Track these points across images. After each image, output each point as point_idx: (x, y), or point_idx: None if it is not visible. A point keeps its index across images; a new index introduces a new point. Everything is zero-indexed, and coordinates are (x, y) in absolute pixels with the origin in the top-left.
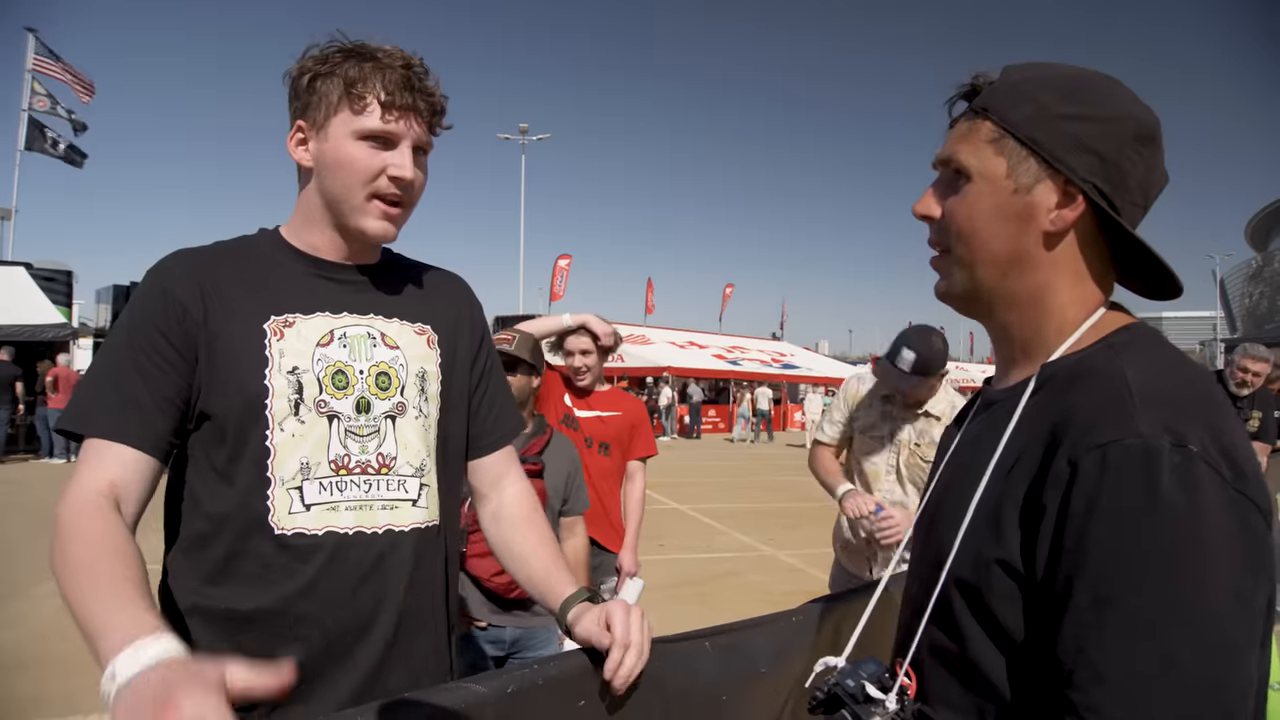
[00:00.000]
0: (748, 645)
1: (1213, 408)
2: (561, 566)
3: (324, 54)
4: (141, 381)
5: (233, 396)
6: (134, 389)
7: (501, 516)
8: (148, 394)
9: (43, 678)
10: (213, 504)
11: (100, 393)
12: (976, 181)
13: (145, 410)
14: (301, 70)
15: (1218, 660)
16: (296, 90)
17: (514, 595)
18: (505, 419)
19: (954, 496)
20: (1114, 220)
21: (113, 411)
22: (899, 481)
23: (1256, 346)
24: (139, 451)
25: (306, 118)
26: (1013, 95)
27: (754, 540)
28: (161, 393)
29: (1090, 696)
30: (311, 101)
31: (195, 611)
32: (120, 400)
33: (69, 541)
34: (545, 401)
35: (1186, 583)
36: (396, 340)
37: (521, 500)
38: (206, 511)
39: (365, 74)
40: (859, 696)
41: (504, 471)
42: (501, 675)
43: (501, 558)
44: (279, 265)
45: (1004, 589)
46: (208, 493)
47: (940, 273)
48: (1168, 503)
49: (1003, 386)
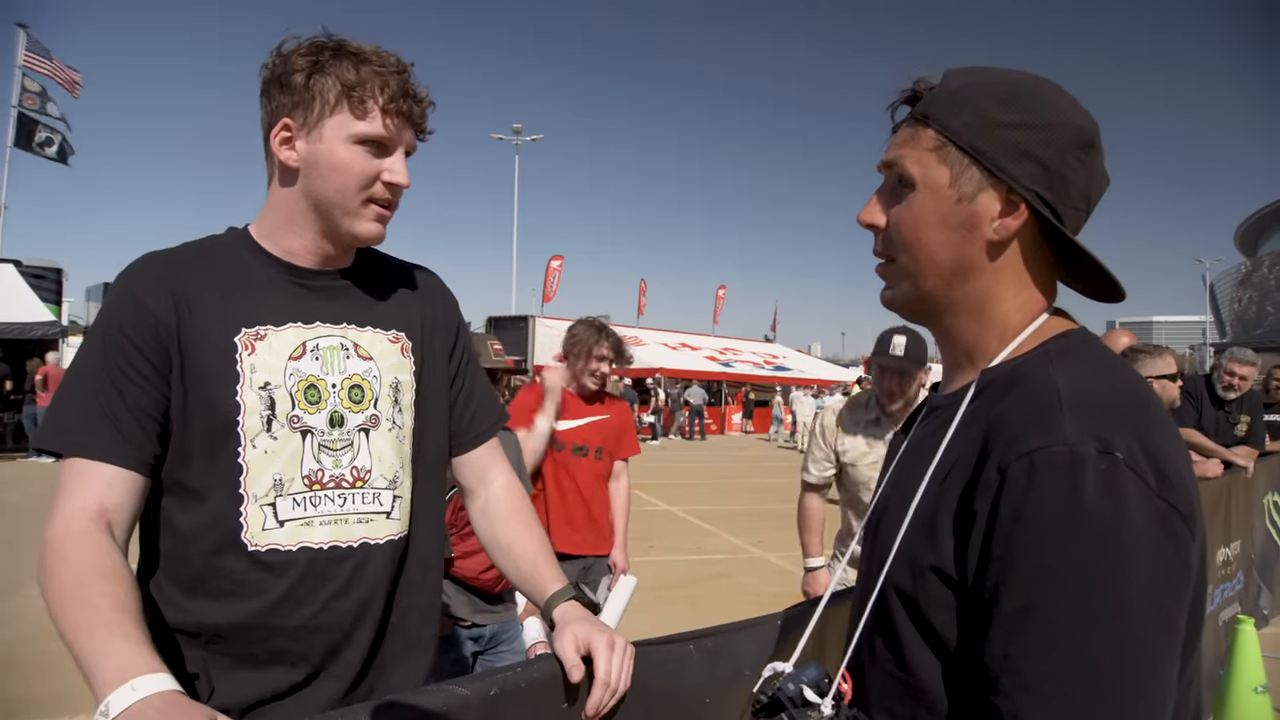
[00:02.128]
0: (732, 648)
1: (1142, 414)
2: (549, 560)
3: (313, 50)
4: (119, 395)
5: (204, 414)
6: (111, 404)
7: (490, 511)
8: (125, 408)
9: (35, 678)
10: (185, 520)
11: (78, 409)
12: (920, 191)
13: (124, 425)
14: (291, 66)
15: (1136, 670)
16: (284, 85)
17: (499, 589)
18: (485, 414)
19: (895, 503)
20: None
21: (91, 429)
22: None
23: (1244, 351)
24: (123, 469)
25: (295, 116)
26: (953, 102)
27: (744, 542)
28: (140, 406)
29: (1014, 704)
30: (303, 100)
31: (168, 626)
32: (98, 416)
33: (60, 568)
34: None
35: (1108, 592)
36: (369, 351)
37: (509, 493)
38: (178, 528)
39: (365, 78)
40: (797, 700)
41: (489, 466)
42: (484, 678)
43: (490, 551)
44: (251, 271)
45: (938, 596)
46: (179, 509)
47: (886, 281)
48: (1091, 511)
49: (946, 392)
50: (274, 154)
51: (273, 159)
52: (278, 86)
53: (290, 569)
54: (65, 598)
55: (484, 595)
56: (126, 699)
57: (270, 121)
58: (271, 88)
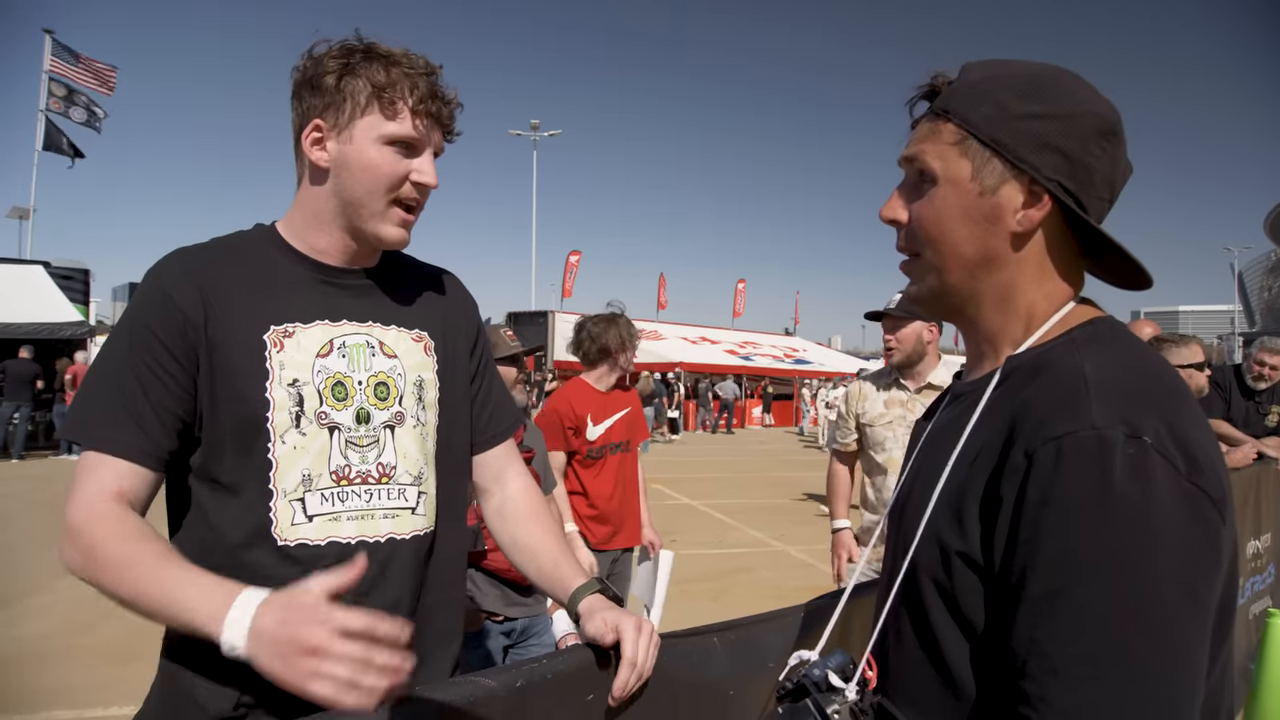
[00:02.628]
0: (756, 641)
1: (1170, 399)
2: (570, 557)
3: (343, 53)
4: (143, 392)
5: (234, 410)
6: (135, 400)
7: (506, 512)
8: (149, 406)
9: (65, 670)
10: (216, 515)
11: (102, 402)
12: (942, 185)
13: (146, 422)
14: (322, 69)
15: (1167, 651)
16: (315, 87)
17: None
18: (501, 414)
19: (921, 489)
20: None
21: (114, 423)
22: None
23: (1274, 340)
24: (138, 466)
25: (326, 117)
26: (973, 95)
27: (766, 536)
28: (163, 404)
29: (1043, 687)
30: (335, 101)
31: None
32: (122, 412)
33: (101, 543)
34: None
35: (1137, 576)
36: (394, 349)
37: (526, 494)
38: (210, 522)
39: (395, 79)
40: (822, 685)
41: (505, 466)
42: (511, 670)
43: (508, 552)
44: (279, 268)
45: (965, 581)
46: (213, 502)
47: (911, 277)
48: (1120, 494)
49: (972, 378)
50: (305, 154)
51: (303, 159)
52: (309, 88)
53: (318, 563)
54: (116, 566)
55: (516, 587)
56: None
57: (301, 123)
58: (303, 90)
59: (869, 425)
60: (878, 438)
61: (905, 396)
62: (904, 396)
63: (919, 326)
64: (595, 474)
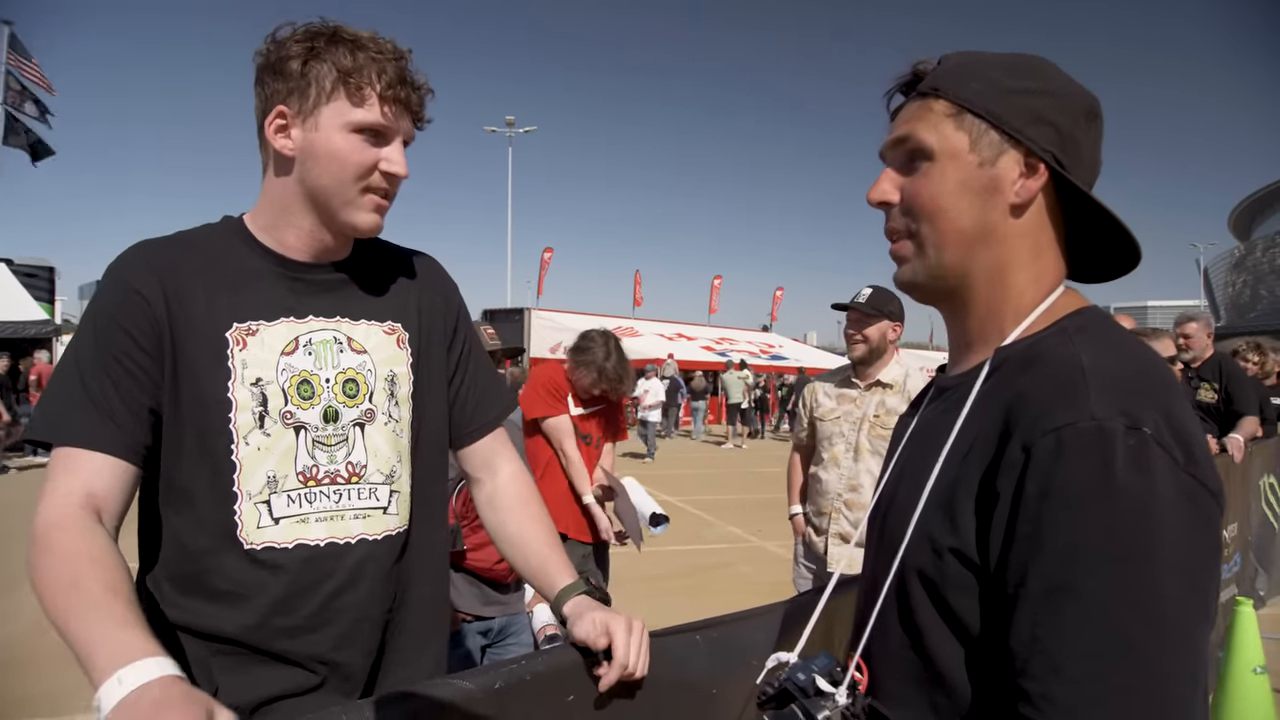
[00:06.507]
0: (739, 638)
1: (1165, 391)
2: (558, 553)
3: (308, 36)
4: (112, 384)
5: (195, 410)
6: (105, 392)
7: (497, 502)
8: (118, 397)
9: (28, 678)
10: (179, 520)
11: (70, 398)
12: (940, 159)
13: (118, 414)
14: (286, 52)
15: (1174, 647)
16: (279, 72)
17: (511, 579)
18: (490, 402)
19: (908, 485)
20: (1068, 195)
21: (84, 417)
22: (855, 459)
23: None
24: (114, 458)
25: (290, 103)
26: (961, 74)
27: (743, 531)
28: (133, 395)
29: (1046, 685)
30: (299, 87)
31: (169, 625)
32: (91, 405)
33: (49, 557)
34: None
35: (1141, 567)
36: (364, 344)
37: (516, 484)
38: (174, 527)
39: (362, 64)
40: (809, 690)
41: (495, 454)
42: (489, 671)
43: (498, 542)
44: (243, 264)
45: (959, 578)
46: (174, 508)
47: (903, 259)
48: (1122, 486)
49: (957, 372)
50: (269, 143)
51: (268, 148)
52: (272, 73)
53: (287, 567)
54: (54, 588)
55: (495, 585)
56: (115, 693)
57: (265, 109)
58: (266, 74)
59: (819, 420)
60: (825, 432)
61: (855, 394)
62: (854, 394)
63: (885, 325)
64: None
